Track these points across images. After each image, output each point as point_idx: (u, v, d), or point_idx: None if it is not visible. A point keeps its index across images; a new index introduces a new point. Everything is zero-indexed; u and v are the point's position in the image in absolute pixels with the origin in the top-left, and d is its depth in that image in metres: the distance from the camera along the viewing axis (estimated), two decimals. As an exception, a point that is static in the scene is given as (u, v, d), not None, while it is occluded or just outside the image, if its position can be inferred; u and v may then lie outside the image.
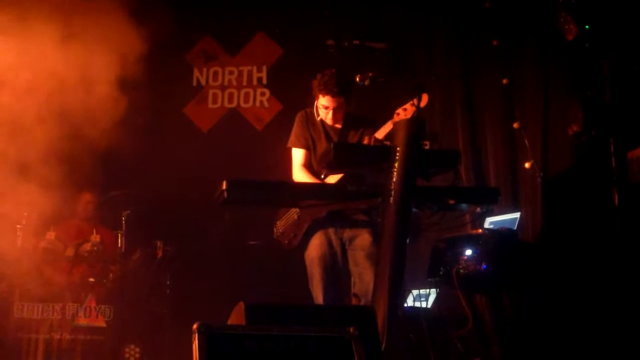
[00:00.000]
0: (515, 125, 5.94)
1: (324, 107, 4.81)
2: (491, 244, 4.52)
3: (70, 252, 5.95)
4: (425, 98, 4.36)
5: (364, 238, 4.71)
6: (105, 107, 5.07)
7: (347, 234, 4.76)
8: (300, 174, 4.86)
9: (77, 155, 5.11)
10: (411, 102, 4.60)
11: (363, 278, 4.65)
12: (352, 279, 4.75)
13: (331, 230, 4.76)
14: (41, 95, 4.81)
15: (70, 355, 5.50)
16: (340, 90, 4.73)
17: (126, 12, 5.07)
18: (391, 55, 6.76)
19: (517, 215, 5.31)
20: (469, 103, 6.47)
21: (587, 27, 5.31)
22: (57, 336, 5.52)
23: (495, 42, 6.19)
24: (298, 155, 4.92)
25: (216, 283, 6.54)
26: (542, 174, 5.63)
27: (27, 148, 4.85)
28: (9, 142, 4.78)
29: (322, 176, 4.76)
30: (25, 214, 5.69)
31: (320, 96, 4.78)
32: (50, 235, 5.85)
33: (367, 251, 4.67)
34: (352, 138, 4.86)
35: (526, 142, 5.78)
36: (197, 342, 2.86)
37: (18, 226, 5.70)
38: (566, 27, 5.35)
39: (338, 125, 4.89)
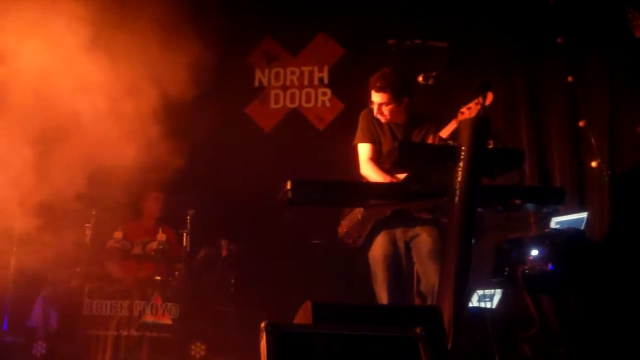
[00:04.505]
0: (581, 123, 5.84)
1: (371, 103, 4.82)
2: (558, 244, 4.46)
3: (137, 250, 6.09)
4: (490, 96, 4.31)
5: (427, 237, 4.68)
6: (171, 110, 5.17)
7: (411, 233, 4.74)
8: (367, 168, 4.83)
9: (145, 156, 5.20)
10: (475, 100, 4.56)
11: (428, 277, 4.63)
12: (418, 277, 4.73)
13: (395, 230, 4.75)
14: (109, 101, 4.92)
15: (137, 352, 5.61)
16: (382, 86, 4.72)
17: (187, 15, 5.14)
18: (453, 54, 6.70)
19: (584, 215, 5.21)
20: (533, 101, 6.38)
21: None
22: (124, 333, 5.64)
23: (560, 40, 6.09)
24: (365, 149, 4.90)
25: (279, 282, 6.59)
26: (609, 173, 5.52)
27: (97, 152, 4.96)
28: (80, 146, 4.90)
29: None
30: (93, 212, 5.84)
31: (372, 92, 4.80)
32: (118, 234, 5.99)
33: (431, 250, 4.64)
34: (416, 136, 4.83)
35: (592, 140, 5.66)
36: (265, 341, 2.88)
37: (87, 225, 5.85)
38: (634, 23, 5.24)
39: (400, 121, 4.85)
